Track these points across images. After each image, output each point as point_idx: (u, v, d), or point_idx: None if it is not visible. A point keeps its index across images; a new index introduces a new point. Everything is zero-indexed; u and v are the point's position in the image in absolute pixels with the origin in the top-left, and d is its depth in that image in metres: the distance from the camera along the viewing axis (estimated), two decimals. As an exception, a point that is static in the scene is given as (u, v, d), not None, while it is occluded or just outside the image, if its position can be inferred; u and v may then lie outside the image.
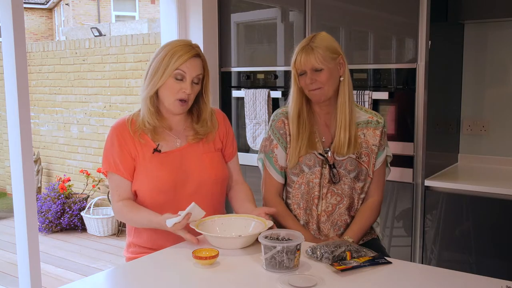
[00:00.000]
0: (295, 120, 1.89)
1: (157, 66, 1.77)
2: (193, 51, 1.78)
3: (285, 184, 1.98)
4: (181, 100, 1.78)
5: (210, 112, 1.90)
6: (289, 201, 1.97)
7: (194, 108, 1.89)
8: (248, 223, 1.74)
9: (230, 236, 1.67)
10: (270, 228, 1.66)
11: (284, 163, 1.94)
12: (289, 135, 1.91)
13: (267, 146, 1.97)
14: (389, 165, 2.02)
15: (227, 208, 2.00)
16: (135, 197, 1.85)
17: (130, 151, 1.81)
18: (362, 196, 1.94)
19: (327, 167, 1.88)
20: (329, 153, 1.89)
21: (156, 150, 1.81)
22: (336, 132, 1.88)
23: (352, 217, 1.92)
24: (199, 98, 1.87)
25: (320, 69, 1.82)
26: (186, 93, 1.76)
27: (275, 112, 1.99)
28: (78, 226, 5.13)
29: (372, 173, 1.92)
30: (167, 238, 1.76)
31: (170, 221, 1.61)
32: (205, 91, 1.86)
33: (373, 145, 1.91)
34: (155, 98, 1.81)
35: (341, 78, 1.87)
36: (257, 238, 1.65)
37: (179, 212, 1.63)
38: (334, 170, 1.88)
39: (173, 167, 1.81)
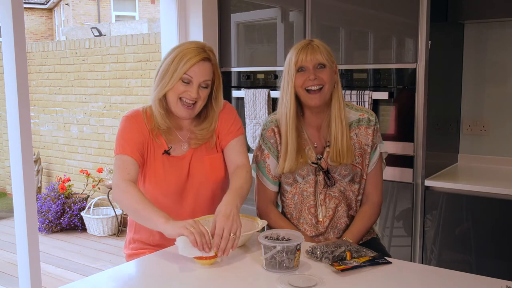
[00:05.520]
0: (293, 127, 1.83)
1: (166, 69, 1.72)
2: (203, 55, 1.72)
3: (279, 192, 1.96)
4: (184, 102, 1.73)
5: (215, 119, 1.84)
6: (284, 210, 1.95)
7: (202, 114, 1.84)
8: (242, 222, 1.73)
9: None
10: (263, 227, 1.66)
11: (277, 172, 1.92)
12: (280, 143, 1.88)
13: (259, 156, 1.94)
14: (384, 161, 1.98)
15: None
16: None
17: (144, 139, 1.77)
18: (359, 198, 1.92)
19: (321, 173, 1.86)
20: (323, 159, 1.86)
21: (166, 152, 1.79)
22: (332, 142, 1.83)
23: (351, 219, 1.91)
24: (208, 102, 1.82)
25: (324, 65, 1.80)
26: (191, 96, 1.71)
27: (264, 121, 1.96)
28: (78, 226, 5.13)
29: (366, 174, 1.90)
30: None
31: (183, 251, 1.48)
32: (215, 97, 1.81)
33: (365, 145, 1.88)
34: (163, 100, 1.77)
35: (335, 85, 1.85)
36: (251, 237, 1.66)
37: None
38: (329, 175, 1.86)
39: (179, 171, 1.80)
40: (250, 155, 2.05)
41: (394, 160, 2.43)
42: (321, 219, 1.87)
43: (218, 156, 1.88)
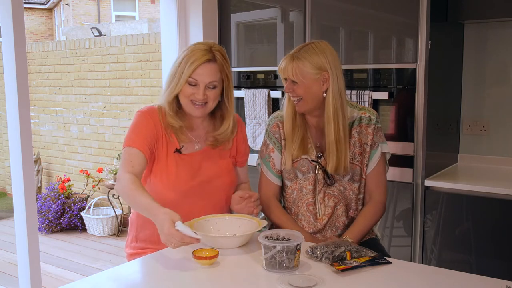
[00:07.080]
0: (289, 121, 1.89)
1: (174, 72, 1.77)
2: (207, 56, 1.74)
3: (282, 187, 1.98)
4: (195, 103, 1.77)
5: (233, 119, 1.88)
6: (285, 205, 1.97)
7: (217, 114, 1.88)
8: (242, 222, 1.75)
9: (225, 235, 1.68)
10: (264, 227, 1.66)
11: (281, 167, 1.94)
12: (284, 138, 1.91)
13: (264, 151, 1.97)
14: (387, 162, 1.98)
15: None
16: None
17: (157, 134, 1.79)
18: (360, 196, 1.92)
19: (321, 172, 1.87)
20: (323, 158, 1.88)
21: (178, 150, 1.81)
22: (325, 154, 1.86)
23: (350, 218, 1.91)
24: (221, 102, 1.86)
25: (295, 82, 1.82)
26: (198, 98, 1.75)
27: (270, 117, 1.99)
28: (78, 226, 5.13)
29: (365, 174, 1.90)
30: None
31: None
32: (226, 95, 1.83)
33: (364, 143, 1.89)
34: (174, 102, 1.80)
35: (324, 95, 1.82)
36: (251, 237, 1.66)
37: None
38: (328, 174, 1.87)
39: (191, 169, 1.82)
40: (251, 156, 2.06)
41: (394, 160, 2.43)
42: (319, 217, 1.88)
43: (232, 161, 1.94)
